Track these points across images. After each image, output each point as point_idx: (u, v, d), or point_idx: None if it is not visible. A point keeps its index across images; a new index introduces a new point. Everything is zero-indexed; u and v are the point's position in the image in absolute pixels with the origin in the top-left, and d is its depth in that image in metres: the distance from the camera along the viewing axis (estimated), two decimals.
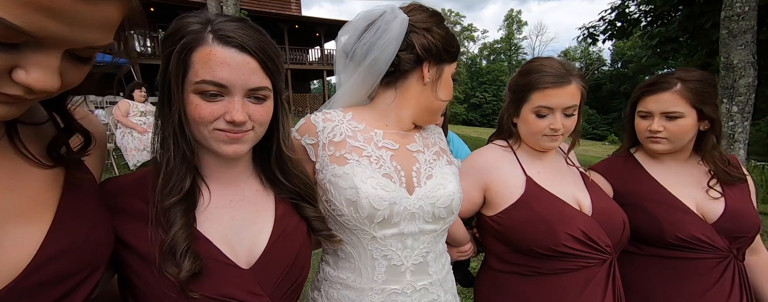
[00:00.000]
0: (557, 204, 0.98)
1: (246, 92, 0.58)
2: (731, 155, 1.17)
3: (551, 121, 0.98)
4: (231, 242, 0.62)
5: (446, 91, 0.83)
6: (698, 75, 1.06)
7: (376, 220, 0.72)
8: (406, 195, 0.75)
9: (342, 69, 0.81)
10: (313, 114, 0.79)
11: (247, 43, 0.56)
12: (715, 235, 1.04)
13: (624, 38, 7.44)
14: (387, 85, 0.81)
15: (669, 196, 1.10)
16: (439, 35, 0.77)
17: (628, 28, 7.14)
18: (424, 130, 0.91)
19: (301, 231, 0.69)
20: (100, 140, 0.61)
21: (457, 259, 1.14)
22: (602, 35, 7.40)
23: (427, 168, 0.81)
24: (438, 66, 0.80)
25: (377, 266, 0.76)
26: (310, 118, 0.79)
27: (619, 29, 7.30)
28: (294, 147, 0.69)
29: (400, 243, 0.76)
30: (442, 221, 0.80)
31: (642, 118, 1.14)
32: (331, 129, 0.77)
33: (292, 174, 0.69)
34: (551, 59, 1.01)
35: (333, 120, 0.78)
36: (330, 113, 0.80)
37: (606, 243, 0.97)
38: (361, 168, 0.73)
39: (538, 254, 0.96)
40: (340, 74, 0.82)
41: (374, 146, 0.77)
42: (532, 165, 1.06)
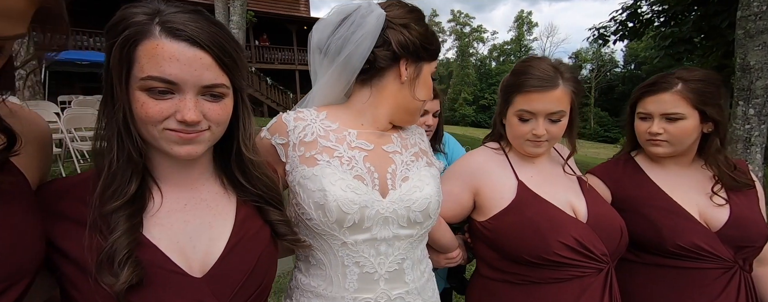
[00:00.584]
0: (549, 211, 0.93)
1: (199, 89, 0.54)
2: (739, 159, 1.10)
3: (534, 126, 0.94)
4: (183, 249, 0.58)
5: (425, 90, 0.80)
6: (701, 74, 1.01)
7: (345, 225, 0.69)
8: (378, 198, 0.72)
9: (317, 66, 0.78)
10: (285, 112, 0.76)
11: (199, 37, 0.52)
12: (718, 244, 0.98)
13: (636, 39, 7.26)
14: (363, 83, 0.78)
15: (670, 202, 1.04)
16: (417, 32, 0.74)
17: (639, 29, 6.98)
18: (405, 130, 0.88)
19: (264, 236, 0.66)
20: (40, 138, 0.58)
21: (444, 266, 1.10)
22: (613, 36, 7.24)
23: (403, 169, 0.77)
24: (416, 64, 0.77)
25: (349, 273, 0.73)
26: (281, 117, 0.76)
27: (630, 30, 7.13)
28: (259, 148, 0.65)
29: (373, 250, 0.73)
30: (418, 226, 0.76)
31: (641, 120, 1.08)
32: (302, 128, 0.74)
33: (254, 177, 0.65)
34: (543, 60, 0.95)
35: (305, 119, 0.75)
36: (303, 112, 0.77)
37: (602, 252, 0.92)
38: (331, 170, 0.70)
39: (528, 262, 0.91)
40: (315, 71, 0.79)
41: (347, 146, 0.74)
42: (525, 169, 1.02)
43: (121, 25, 0.52)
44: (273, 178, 0.68)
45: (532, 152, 0.98)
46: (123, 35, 0.51)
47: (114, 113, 0.54)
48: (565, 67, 0.94)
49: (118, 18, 0.53)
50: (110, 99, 0.54)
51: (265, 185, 0.66)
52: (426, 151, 0.88)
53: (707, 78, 1.00)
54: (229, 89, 0.57)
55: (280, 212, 0.68)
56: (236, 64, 0.57)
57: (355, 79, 0.76)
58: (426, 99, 0.81)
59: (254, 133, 0.64)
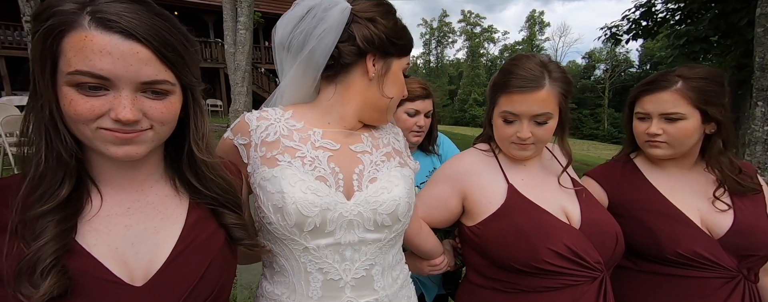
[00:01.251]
0: (539, 216, 0.89)
1: (137, 86, 0.50)
2: (745, 162, 1.04)
3: (518, 128, 0.89)
4: (123, 255, 0.54)
5: (395, 87, 0.77)
6: (702, 72, 0.95)
7: (306, 229, 0.66)
8: (342, 200, 0.69)
9: (281, 62, 0.75)
10: (250, 112, 0.74)
11: (136, 29, 0.48)
12: (721, 252, 0.92)
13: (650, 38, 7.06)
14: (329, 80, 0.75)
15: (669, 207, 0.99)
16: (383, 26, 0.70)
17: (653, 28, 6.78)
18: (378, 129, 0.84)
19: (217, 240, 0.62)
20: None
21: (428, 274, 1.06)
22: (626, 35, 7.05)
23: (372, 170, 0.74)
24: (384, 60, 0.73)
25: (312, 280, 0.70)
26: (244, 116, 0.74)
27: (644, 29, 6.93)
28: (222, 149, 0.62)
29: (337, 255, 0.70)
30: (387, 229, 0.72)
31: (640, 120, 1.03)
32: (264, 128, 0.71)
33: (208, 179, 0.62)
34: (531, 58, 0.90)
35: (268, 118, 0.73)
36: (267, 111, 0.75)
37: (595, 260, 0.87)
38: (292, 171, 0.67)
39: (517, 270, 0.87)
40: (281, 69, 0.76)
41: (311, 146, 0.71)
42: (516, 172, 0.98)
43: (46, 14, 0.47)
44: (230, 180, 0.65)
45: (518, 155, 0.94)
46: (46, 25, 0.47)
47: (40, 110, 0.50)
48: (553, 66, 0.89)
49: (45, 5, 0.48)
50: (35, 95, 0.50)
51: (221, 187, 0.63)
52: (400, 151, 0.84)
53: (709, 76, 0.95)
54: (174, 86, 0.54)
55: (237, 215, 0.65)
56: (183, 60, 0.53)
57: (321, 76, 0.73)
58: (396, 96, 0.78)
59: (208, 132, 0.61)
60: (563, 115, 0.92)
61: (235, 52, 6.12)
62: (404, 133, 1.32)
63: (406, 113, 1.31)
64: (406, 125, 1.31)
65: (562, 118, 0.93)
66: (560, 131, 0.95)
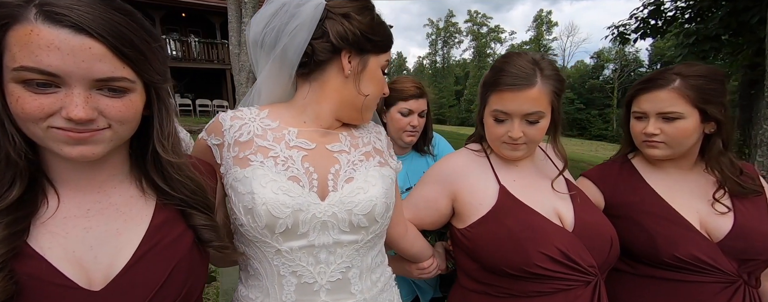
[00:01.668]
0: (531, 219, 0.87)
1: (91, 83, 0.47)
2: (746, 163, 1.01)
3: (509, 127, 0.87)
4: (81, 259, 0.52)
5: (373, 85, 0.75)
6: (702, 69, 0.92)
7: (277, 230, 0.64)
8: (316, 200, 0.67)
9: (256, 60, 0.74)
10: (225, 112, 0.73)
11: (88, 23, 0.45)
12: (720, 256, 0.89)
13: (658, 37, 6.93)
14: (304, 78, 0.73)
15: (667, 209, 0.96)
16: (358, 22, 0.68)
17: (662, 27, 6.65)
18: (359, 128, 0.83)
19: (184, 242, 0.59)
20: None
21: (417, 278, 1.04)
22: (634, 34, 6.93)
23: (348, 170, 0.72)
24: (361, 57, 0.72)
25: (285, 284, 0.68)
26: (218, 116, 0.73)
27: (652, 28, 6.81)
28: (178, 148, 0.59)
29: (311, 258, 0.68)
30: (364, 231, 0.70)
31: (637, 120, 1.00)
32: (238, 127, 0.70)
33: (175, 180, 0.59)
34: (522, 56, 0.88)
35: (242, 118, 0.71)
36: (241, 110, 0.73)
37: (589, 263, 0.85)
38: (263, 171, 0.65)
39: (509, 274, 0.85)
40: (256, 67, 0.75)
41: (284, 146, 0.69)
42: (508, 173, 0.96)
43: None
44: (199, 181, 0.62)
45: (510, 155, 0.92)
46: None
47: None
48: (545, 64, 0.86)
49: None
50: None
51: (189, 189, 0.60)
52: (381, 150, 0.82)
53: (709, 74, 0.92)
54: (134, 83, 0.51)
55: (207, 216, 0.62)
56: (144, 56, 0.51)
57: (297, 74, 0.71)
58: (374, 94, 0.76)
59: (175, 132, 0.59)
60: (556, 115, 0.90)
61: (239, 53, 6.14)
62: (398, 133, 1.32)
63: (399, 113, 1.29)
64: (399, 125, 1.30)
65: (555, 117, 0.90)
66: (553, 131, 0.93)
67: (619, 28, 7.03)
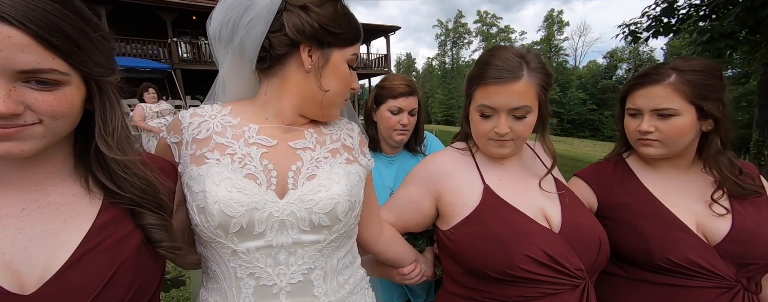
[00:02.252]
0: (515, 219, 0.83)
1: (14, 75, 0.44)
2: (747, 163, 0.96)
3: (496, 123, 0.84)
4: (12, 262, 0.49)
5: (336, 80, 0.71)
6: (699, 63, 0.88)
7: (231, 230, 0.62)
8: (273, 199, 0.64)
9: (217, 55, 0.72)
10: (186, 109, 0.71)
11: (7, 11, 0.42)
12: (717, 260, 0.85)
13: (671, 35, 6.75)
14: (265, 73, 0.71)
15: (661, 210, 0.92)
16: (317, 14, 0.65)
17: (675, 25, 6.47)
18: (329, 124, 0.80)
19: (131, 242, 0.55)
20: None
21: (400, 283, 0.99)
22: (646, 33, 6.75)
23: (311, 167, 0.69)
24: (322, 50, 0.68)
25: (243, 287, 0.65)
26: (179, 114, 0.71)
27: (665, 26, 6.63)
28: (125, 145, 0.56)
29: (270, 259, 0.65)
30: (326, 230, 0.67)
31: (631, 117, 0.97)
32: (197, 125, 0.68)
33: (121, 179, 0.56)
34: (508, 49, 0.85)
35: (203, 115, 0.69)
36: (203, 108, 0.71)
37: (576, 266, 0.81)
38: (218, 169, 0.63)
39: (491, 278, 0.82)
40: (217, 62, 0.73)
41: (243, 143, 0.67)
42: (493, 172, 0.92)
43: None
44: (150, 180, 0.59)
45: (497, 153, 0.89)
46: None
47: None
48: (532, 57, 0.83)
49: None
50: None
51: (137, 187, 0.57)
52: (351, 147, 0.79)
53: (706, 68, 0.88)
54: (68, 76, 0.48)
55: (158, 216, 0.59)
56: (79, 47, 0.47)
57: (257, 69, 0.69)
58: (337, 90, 0.72)
59: (123, 128, 0.56)
60: (543, 110, 0.87)
61: None
62: (388, 132, 1.30)
63: (389, 111, 1.27)
64: (389, 123, 1.28)
65: (542, 112, 0.87)
66: (541, 127, 0.90)
67: (629, 27, 6.86)
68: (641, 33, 6.82)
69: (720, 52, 5.53)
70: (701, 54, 5.55)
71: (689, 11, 6.45)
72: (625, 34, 6.87)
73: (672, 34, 6.87)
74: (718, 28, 5.62)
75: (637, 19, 6.85)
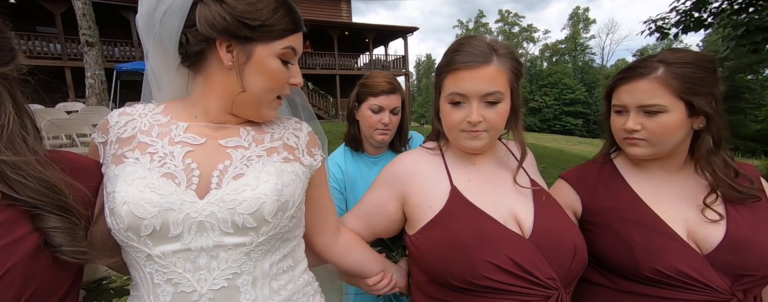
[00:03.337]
0: (480, 223, 0.78)
1: None
2: (746, 164, 0.87)
3: (467, 112, 0.79)
4: None
5: (262, 77, 0.66)
6: (689, 56, 0.81)
7: (143, 233, 0.58)
8: (192, 199, 0.60)
9: (146, 51, 0.69)
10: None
11: None
12: (709, 270, 0.77)
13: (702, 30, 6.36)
14: (192, 70, 0.68)
15: (649, 216, 0.84)
16: (230, 6, 0.61)
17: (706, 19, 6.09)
18: (272, 123, 0.76)
19: (25, 246, 0.52)
20: None
21: (371, 293, 0.93)
22: (674, 28, 6.40)
23: (240, 166, 0.65)
24: (243, 46, 0.63)
25: (161, 293, 0.61)
26: (109, 114, 0.69)
27: (696, 20, 6.26)
28: (19, 145, 0.53)
29: (189, 263, 0.61)
30: (252, 232, 0.63)
31: (617, 114, 0.90)
32: (124, 124, 0.66)
33: (13, 181, 0.52)
34: (476, 37, 0.82)
35: (132, 114, 0.67)
36: (134, 106, 0.69)
37: (547, 275, 0.75)
38: (134, 168, 0.60)
39: (455, 287, 0.77)
40: (146, 58, 0.70)
41: (168, 141, 0.64)
42: (463, 172, 0.87)
43: None
44: (51, 181, 0.55)
45: (470, 146, 0.83)
46: None
47: None
48: (500, 45, 0.80)
49: None
50: None
51: (34, 190, 0.53)
52: (294, 147, 0.74)
53: (697, 60, 0.80)
54: None
55: (62, 218, 0.55)
56: None
57: (185, 66, 0.67)
58: (262, 88, 0.67)
59: (13, 125, 0.53)
60: (514, 99, 0.82)
61: None
62: (369, 131, 1.27)
63: (370, 109, 1.24)
64: (369, 122, 1.25)
65: (514, 101, 0.83)
66: (513, 118, 0.85)
67: (656, 22, 6.53)
68: (669, 29, 6.47)
69: (757, 46, 5.16)
70: (735, 49, 5.19)
71: (723, 4, 6.06)
72: (650, 30, 6.54)
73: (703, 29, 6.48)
74: (755, 21, 5.24)
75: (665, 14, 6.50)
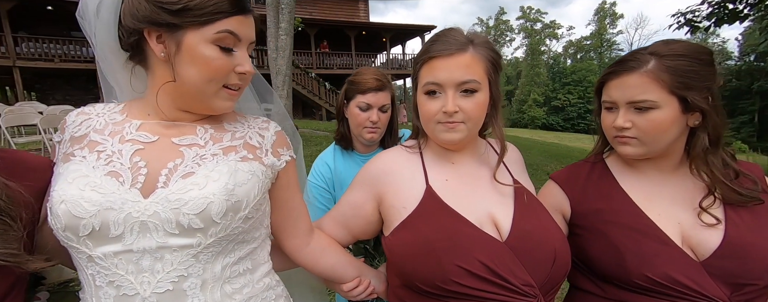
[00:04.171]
0: (453, 225, 0.74)
1: None
2: (750, 163, 0.80)
3: (443, 102, 0.76)
4: None
5: (195, 66, 0.62)
6: (682, 47, 0.75)
7: (81, 233, 0.56)
8: (135, 198, 0.59)
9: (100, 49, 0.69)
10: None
11: None
12: (705, 278, 0.71)
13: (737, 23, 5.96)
14: (141, 66, 0.67)
15: (641, 219, 0.79)
16: None
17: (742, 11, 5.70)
18: (236, 121, 0.74)
19: None
20: None
21: (349, 299, 0.90)
22: (705, 21, 6.02)
23: (191, 164, 0.63)
24: (172, 34, 0.60)
25: (103, 296, 0.59)
26: (68, 113, 0.69)
27: (730, 12, 5.87)
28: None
29: (132, 265, 0.58)
30: (200, 233, 0.60)
31: (607, 111, 0.84)
32: (79, 123, 0.65)
33: None
34: (456, 29, 0.80)
35: (89, 113, 0.67)
36: (93, 106, 0.68)
37: (524, 281, 0.70)
38: (77, 166, 0.59)
39: (424, 292, 0.73)
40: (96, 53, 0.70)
41: (118, 139, 0.63)
42: (440, 171, 0.84)
43: None
44: None
45: (447, 139, 0.79)
46: None
47: None
48: (479, 36, 0.78)
49: None
50: None
51: None
52: (257, 146, 0.72)
53: (691, 52, 0.74)
54: None
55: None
56: None
57: (133, 62, 0.66)
58: (198, 78, 0.62)
59: None
60: (493, 90, 0.79)
61: (276, 58, 6.47)
62: (358, 130, 1.26)
63: (357, 107, 1.23)
64: (358, 120, 1.23)
65: (493, 93, 0.79)
66: (493, 111, 0.81)
67: (685, 15, 6.17)
68: (700, 22, 6.10)
69: None
70: None
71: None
72: (679, 24, 6.19)
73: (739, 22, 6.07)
74: None
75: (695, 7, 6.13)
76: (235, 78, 0.66)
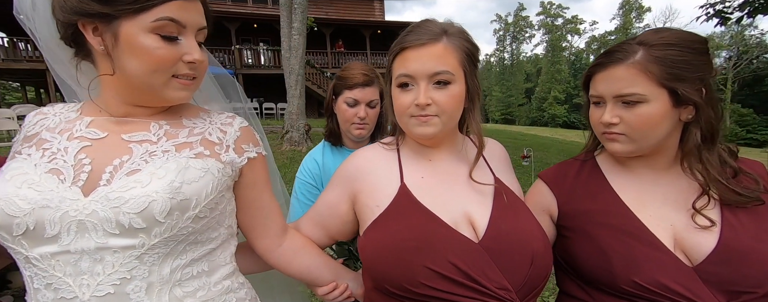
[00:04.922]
0: (424, 225, 0.71)
1: None
2: (751, 160, 0.73)
3: (415, 94, 0.73)
4: None
5: (135, 58, 0.59)
6: (673, 35, 0.69)
7: (15, 232, 0.54)
8: (75, 196, 0.56)
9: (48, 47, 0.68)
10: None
11: None
12: (698, 285, 0.65)
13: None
14: (88, 61, 0.65)
15: (631, 221, 0.74)
16: None
17: None
18: (197, 117, 0.71)
19: None
20: None
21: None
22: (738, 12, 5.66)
23: (138, 161, 0.61)
24: (108, 25, 0.57)
25: (41, 299, 0.57)
26: (28, 114, 0.69)
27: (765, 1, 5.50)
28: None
29: (70, 267, 0.56)
30: (142, 233, 0.57)
31: (595, 106, 0.79)
32: (35, 122, 0.64)
33: None
34: (431, 20, 0.77)
35: (46, 112, 0.66)
36: (52, 106, 0.67)
37: (499, 285, 0.67)
38: (19, 164, 0.58)
39: (392, 294, 0.71)
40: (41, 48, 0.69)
41: (67, 137, 0.61)
42: (417, 168, 0.81)
43: None
44: None
45: (421, 133, 0.76)
46: None
47: None
48: (454, 26, 0.76)
49: None
50: None
51: None
52: (216, 142, 0.69)
53: (682, 41, 0.68)
54: None
55: None
56: None
57: (78, 58, 0.65)
58: (142, 70, 0.60)
59: None
60: (470, 82, 0.76)
61: (289, 57, 6.54)
62: (346, 126, 1.24)
63: (345, 103, 1.21)
64: (345, 116, 1.21)
65: (470, 86, 0.76)
66: (470, 105, 0.78)
67: (714, 6, 5.82)
68: (731, 12, 5.74)
69: None
70: None
71: None
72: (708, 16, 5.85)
73: None
74: None
75: None
76: (184, 67, 0.63)
